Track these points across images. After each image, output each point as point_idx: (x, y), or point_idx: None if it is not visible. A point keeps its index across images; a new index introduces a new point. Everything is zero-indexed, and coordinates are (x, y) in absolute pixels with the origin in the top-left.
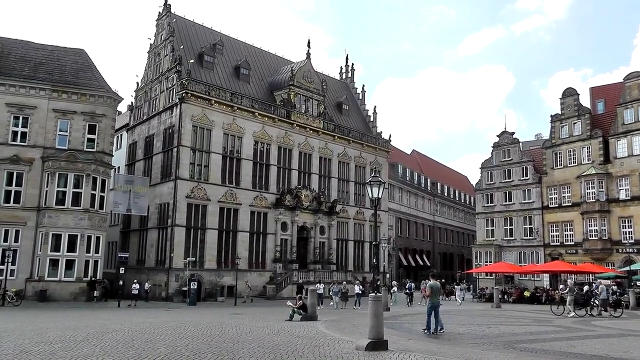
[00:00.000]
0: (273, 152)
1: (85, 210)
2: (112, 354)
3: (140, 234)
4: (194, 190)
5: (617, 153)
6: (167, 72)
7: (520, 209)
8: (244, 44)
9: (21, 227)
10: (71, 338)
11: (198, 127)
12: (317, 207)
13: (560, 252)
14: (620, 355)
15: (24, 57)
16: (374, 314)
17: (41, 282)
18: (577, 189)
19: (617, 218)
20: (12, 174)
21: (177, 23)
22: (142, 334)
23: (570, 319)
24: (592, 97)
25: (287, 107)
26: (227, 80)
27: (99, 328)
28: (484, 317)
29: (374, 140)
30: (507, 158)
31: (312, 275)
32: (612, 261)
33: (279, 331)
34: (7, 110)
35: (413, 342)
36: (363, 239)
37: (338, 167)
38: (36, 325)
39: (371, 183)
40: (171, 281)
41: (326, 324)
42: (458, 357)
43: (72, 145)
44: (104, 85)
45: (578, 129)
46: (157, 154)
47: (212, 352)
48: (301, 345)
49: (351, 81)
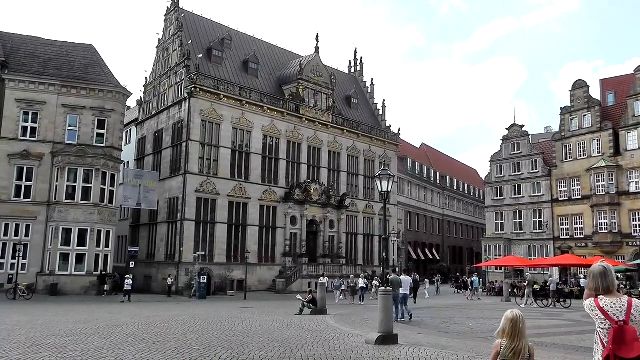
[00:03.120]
0: (282, 146)
1: (95, 204)
2: (122, 348)
3: (150, 228)
4: (204, 184)
5: (628, 145)
6: (175, 67)
7: (529, 202)
8: (253, 39)
9: (32, 222)
10: (82, 332)
11: (207, 122)
12: (327, 201)
13: (570, 246)
14: None
15: (34, 53)
16: (384, 308)
17: (52, 276)
18: (587, 181)
19: (628, 211)
20: (23, 169)
21: (186, 18)
22: (152, 327)
23: (579, 313)
24: (602, 89)
25: (296, 101)
26: (235, 75)
27: (109, 322)
28: (493, 310)
29: (383, 134)
30: (517, 151)
31: (322, 269)
32: (623, 254)
33: (288, 325)
34: (17, 106)
35: (423, 336)
36: (372, 233)
37: (347, 161)
38: (47, 318)
39: (380, 177)
40: (181, 275)
41: (336, 318)
42: (468, 350)
43: (82, 140)
44: (113, 81)
45: (588, 121)
46: (166, 148)
47: (221, 346)
48: (311, 339)
49: (360, 75)
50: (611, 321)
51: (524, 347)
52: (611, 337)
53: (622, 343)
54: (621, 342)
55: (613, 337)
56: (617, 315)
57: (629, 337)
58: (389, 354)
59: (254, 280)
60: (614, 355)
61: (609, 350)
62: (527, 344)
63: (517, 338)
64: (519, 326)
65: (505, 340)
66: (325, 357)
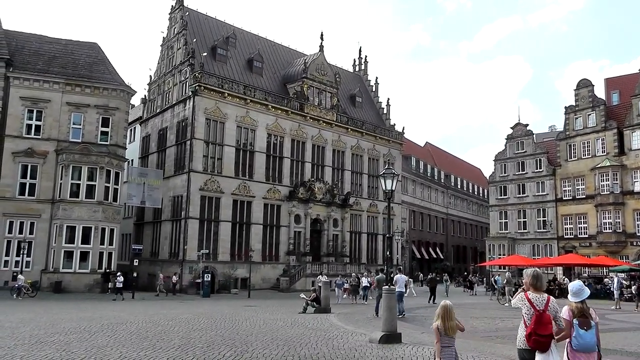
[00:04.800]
0: (286, 145)
1: (99, 202)
2: (126, 345)
3: (154, 226)
4: (208, 182)
5: (632, 145)
6: (180, 66)
7: (533, 201)
8: (257, 37)
9: (36, 219)
10: (86, 329)
11: (211, 120)
12: (331, 199)
13: (574, 245)
14: (635, 349)
15: (38, 51)
16: (388, 307)
17: (56, 274)
18: (591, 181)
19: (632, 211)
20: (27, 167)
21: (190, 16)
22: (156, 325)
23: None
24: (606, 88)
25: (300, 99)
26: (240, 73)
27: (113, 319)
28: (496, 310)
29: (387, 133)
30: (521, 150)
31: (326, 267)
32: (627, 254)
33: (292, 323)
34: (22, 104)
35: (427, 335)
36: (376, 232)
37: (351, 160)
38: (51, 316)
39: (385, 175)
40: (185, 273)
41: (339, 317)
42: (472, 350)
43: (86, 138)
44: (117, 79)
45: (592, 120)
46: (170, 146)
47: (225, 344)
48: (314, 338)
49: (364, 73)
50: (535, 309)
51: (454, 325)
52: (534, 320)
53: (541, 324)
54: (540, 324)
55: (535, 321)
56: (539, 305)
57: (545, 321)
58: (393, 352)
59: (257, 278)
60: (534, 332)
61: (531, 329)
62: (457, 323)
63: (448, 319)
64: (448, 311)
65: (440, 322)
66: (329, 356)
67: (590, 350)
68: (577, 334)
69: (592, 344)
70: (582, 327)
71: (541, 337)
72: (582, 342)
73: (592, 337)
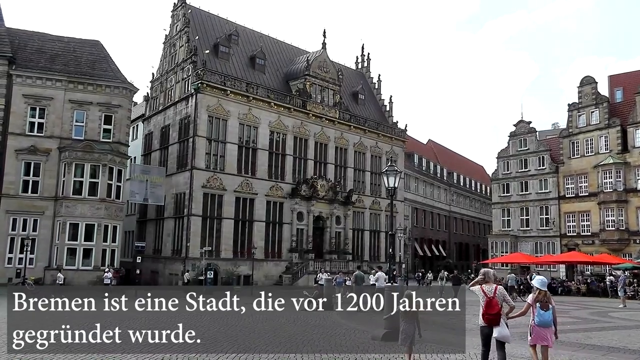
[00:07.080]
0: (289, 142)
1: (102, 200)
2: (128, 342)
3: (156, 223)
4: (210, 180)
5: (636, 142)
6: (182, 63)
7: (536, 199)
8: (259, 34)
9: (39, 217)
10: (88, 326)
11: (214, 118)
12: (333, 197)
13: (576, 243)
14: (637, 347)
15: (41, 49)
16: (390, 305)
17: (59, 271)
18: (594, 178)
19: (635, 208)
20: (30, 164)
21: (192, 14)
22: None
23: (586, 311)
24: (610, 85)
25: (302, 97)
26: (242, 71)
27: (114, 315)
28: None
29: (390, 130)
30: (524, 147)
31: (328, 265)
32: (630, 252)
33: (294, 320)
34: (24, 102)
35: (429, 332)
36: (379, 229)
37: (354, 157)
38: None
39: (387, 173)
40: (187, 270)
41: (342, 314)
42: (475, 347)
43: (89, 135)
44: (120, 76)
45: (596, 117)
46: (173, 144)
47: (227, 341)
48: (317, 335)
49: (367, 70)
50: (486, 296)
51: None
52: (485, 303)
53: (490, 306)
54: (489, 306)
55: (485, 304)
56: (489, 293)
57: (493, 304)
58: (395, 350)
59: (260, 275)
60: (486, 313)
61: (483, 310)
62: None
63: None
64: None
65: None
66: (332, 353)
67: (547, 325)
68: (538, 313)
69: (549, 321)
70: (542, 308)
71: (490, 315)
72: (542, 320)
73: (549, 316)
